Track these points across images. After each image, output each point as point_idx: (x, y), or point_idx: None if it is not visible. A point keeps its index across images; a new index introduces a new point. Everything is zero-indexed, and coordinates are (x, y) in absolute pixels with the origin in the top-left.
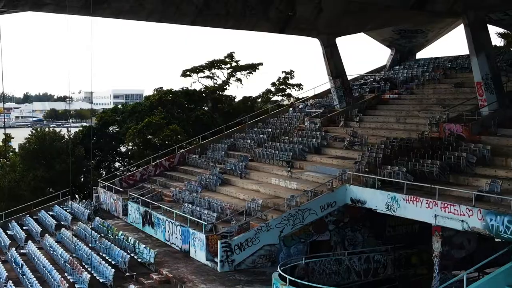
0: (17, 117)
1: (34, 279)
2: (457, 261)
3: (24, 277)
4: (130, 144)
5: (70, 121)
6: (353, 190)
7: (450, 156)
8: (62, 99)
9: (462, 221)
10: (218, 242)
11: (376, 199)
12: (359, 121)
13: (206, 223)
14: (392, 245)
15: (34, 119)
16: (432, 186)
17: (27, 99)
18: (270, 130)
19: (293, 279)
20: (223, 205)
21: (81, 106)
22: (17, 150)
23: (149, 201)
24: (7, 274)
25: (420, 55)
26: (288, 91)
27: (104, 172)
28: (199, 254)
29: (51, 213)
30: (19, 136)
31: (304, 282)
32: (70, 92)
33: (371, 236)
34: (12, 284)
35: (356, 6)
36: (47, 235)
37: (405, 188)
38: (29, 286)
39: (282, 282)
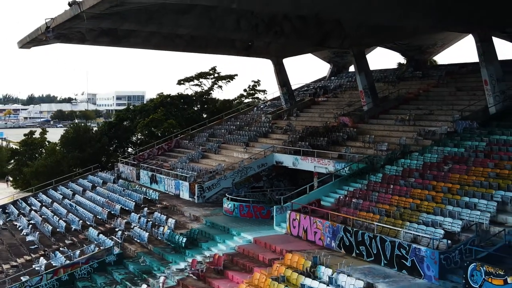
0: (25, 118)
1: (85, 211)
2: None
3: (77, 211)
4: (139, 134)
5: (76, 121)
6: (277, 156)
7: (333, 135)
8: (67, 100)
9: (326, 168)
10: (196, 186)
11: (288, 160)
12: (296, 116)
13: (189, 176)
14: (295, 187)
15: (42, 119)
16: (315, 150)
17: (31, 100)
18: (238, 123)
19: (232, 197)
20: (201, 168)
21: (85, 107)
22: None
23: (155, 168)
24: (66, 211)
25: (352, 68)
26: (256, 95)
27: (120, 155)
28: (185, 194)
29: (86, 180)
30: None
31: (237, 198)
32: (74, 94)
33: (290, 185)
34: (71, 214)
35: None
36: (87, 191)
37: (301, 152)
38: (82, 214)
39: (227, 200)
